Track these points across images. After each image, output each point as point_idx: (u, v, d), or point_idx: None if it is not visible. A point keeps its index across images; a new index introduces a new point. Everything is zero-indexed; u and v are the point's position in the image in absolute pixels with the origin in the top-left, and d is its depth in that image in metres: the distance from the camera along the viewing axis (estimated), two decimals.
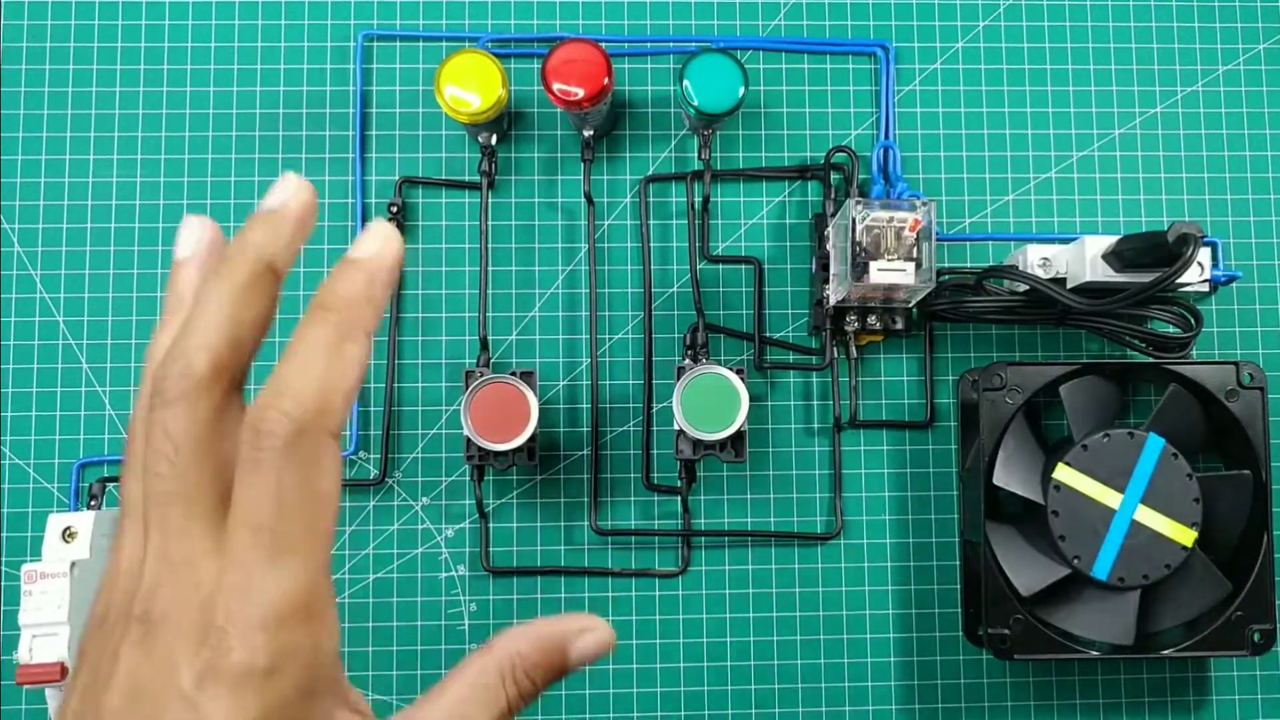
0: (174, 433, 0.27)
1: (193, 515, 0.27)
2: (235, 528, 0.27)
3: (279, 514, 0.27)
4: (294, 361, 0.29)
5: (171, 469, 0.27)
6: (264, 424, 0.27)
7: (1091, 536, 0.52)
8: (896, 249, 0.51)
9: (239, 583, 0.26)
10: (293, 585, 0.27)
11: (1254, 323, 0.59)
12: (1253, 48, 0.60)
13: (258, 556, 0.26)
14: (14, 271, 0.57)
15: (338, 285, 0.29)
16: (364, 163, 0.58)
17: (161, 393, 0.28)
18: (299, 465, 0.27)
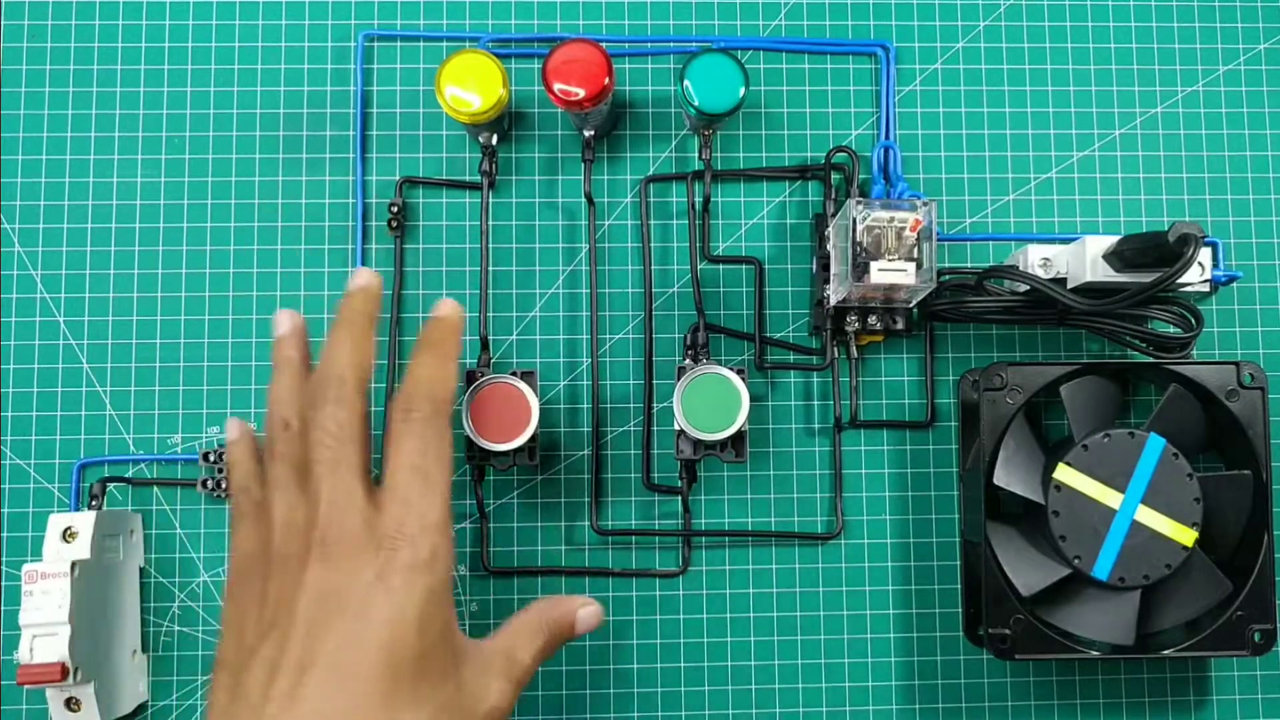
0: (338, 420, 0.42)
1: (352, 474, 0.42)
2: (395, 469, 0.42)
3: (427, 458, 0.43)
4: (420, 370, 0.45)
5: (337, 444, 0.42)
6: (412, 404, 0.44)
7: (1092, 536, 0.52)
8: (897, 249, 0.51)
9: (401, 504, 0.41)
10: (439, 505, 0.42)
11: (1254, 323, 0.59)
12: (1253, 48, 0.60)
13: (415, 487, 0.42)
14: (14, 271, 0.57)
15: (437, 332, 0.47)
16: (364, 163, 0.58)
17: (324, 397, 0.43)
18: (437, 430, 0.44)
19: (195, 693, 0.55)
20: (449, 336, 0.46)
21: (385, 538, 0.41)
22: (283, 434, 0.44)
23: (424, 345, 0.46)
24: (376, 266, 0.57)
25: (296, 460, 0.43)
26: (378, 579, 0.40)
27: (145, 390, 0.57)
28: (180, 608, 0.56)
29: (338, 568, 0.40)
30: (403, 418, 0.43)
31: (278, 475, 0.43)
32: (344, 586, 0.40)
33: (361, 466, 0.43)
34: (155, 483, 0.56)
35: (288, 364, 0.46)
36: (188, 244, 0.57)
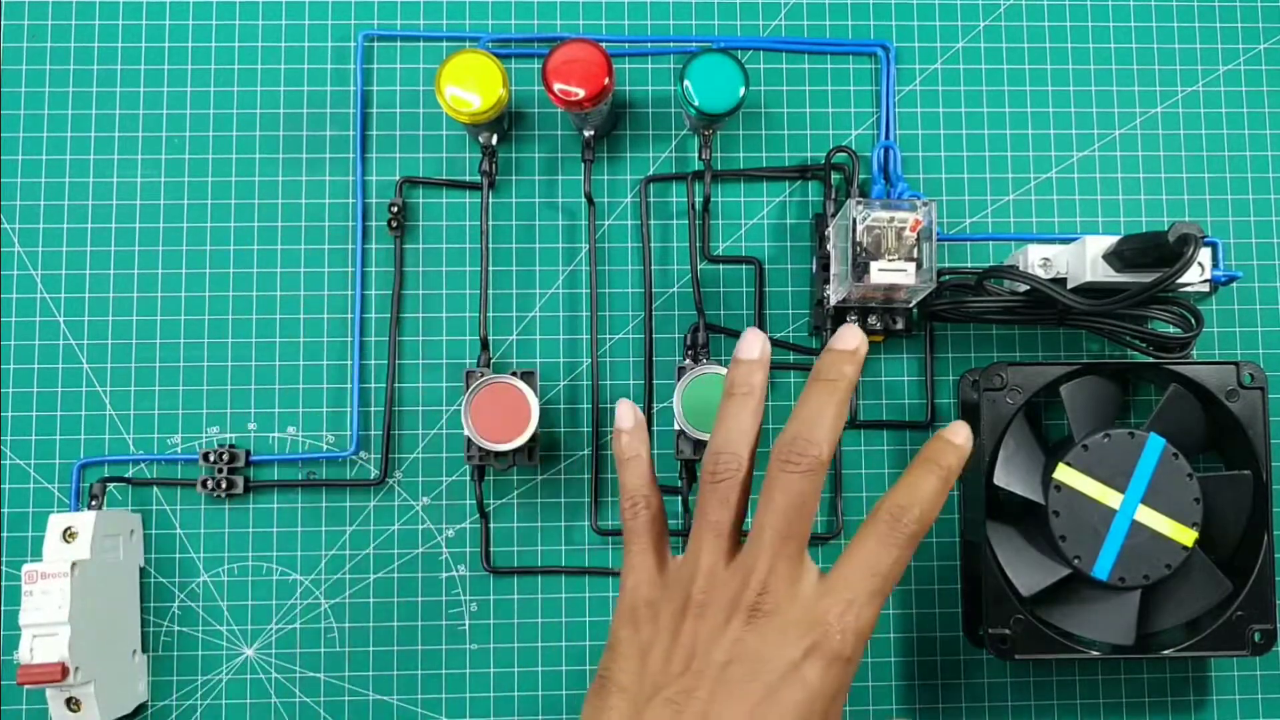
0: (803, 492, 0.41)
1: (798, 552, 0.41)
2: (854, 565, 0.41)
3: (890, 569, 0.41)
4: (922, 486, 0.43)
5: (797, 517, 0.41)
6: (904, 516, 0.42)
7: (1092, 536, 0.52)
8: (897, 249, 0.51)
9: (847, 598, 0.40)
10: (876, 616, 0.41)
11: (1254, 323, 0.59)
12: (1253, 48, 0.60)
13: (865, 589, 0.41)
14: (14, 271, 0.57)
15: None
16: (364, 163, 0.58)
17: (795, 464, 0.42)
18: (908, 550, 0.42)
19: (195, 693, 0.55)
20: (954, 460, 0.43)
21: (821, 623, 0.40)
22: (733, 474, 0.43)
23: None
24: (376, 267, 0.58)
25: (738, 510, 0.43)
26: (801, 660, 0.39)
27: (145, 390, 0.57)
28: (180, 608, 0.56)
29: (765, 637, 0.40)
30: (890, 522, 0.41)
31: (715, 520, 0.42)
32: (767, 657, 0.39)
33: (807, 542, 0.42)
34: (155, 483, 0.56)
35: (750, 394, 0.44)
36: (188, 244, 0.57)
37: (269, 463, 0.56)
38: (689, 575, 0.42)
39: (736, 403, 0.44)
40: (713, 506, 0.43)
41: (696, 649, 0.40)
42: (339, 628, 0.56)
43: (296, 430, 0.57)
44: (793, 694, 0.39)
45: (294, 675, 0.56)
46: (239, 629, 0.56)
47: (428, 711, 0.56)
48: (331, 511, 0.56)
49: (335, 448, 0.57)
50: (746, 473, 0.43)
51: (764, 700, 0.39)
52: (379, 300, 0.57)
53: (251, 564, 0.56)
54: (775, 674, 0.39)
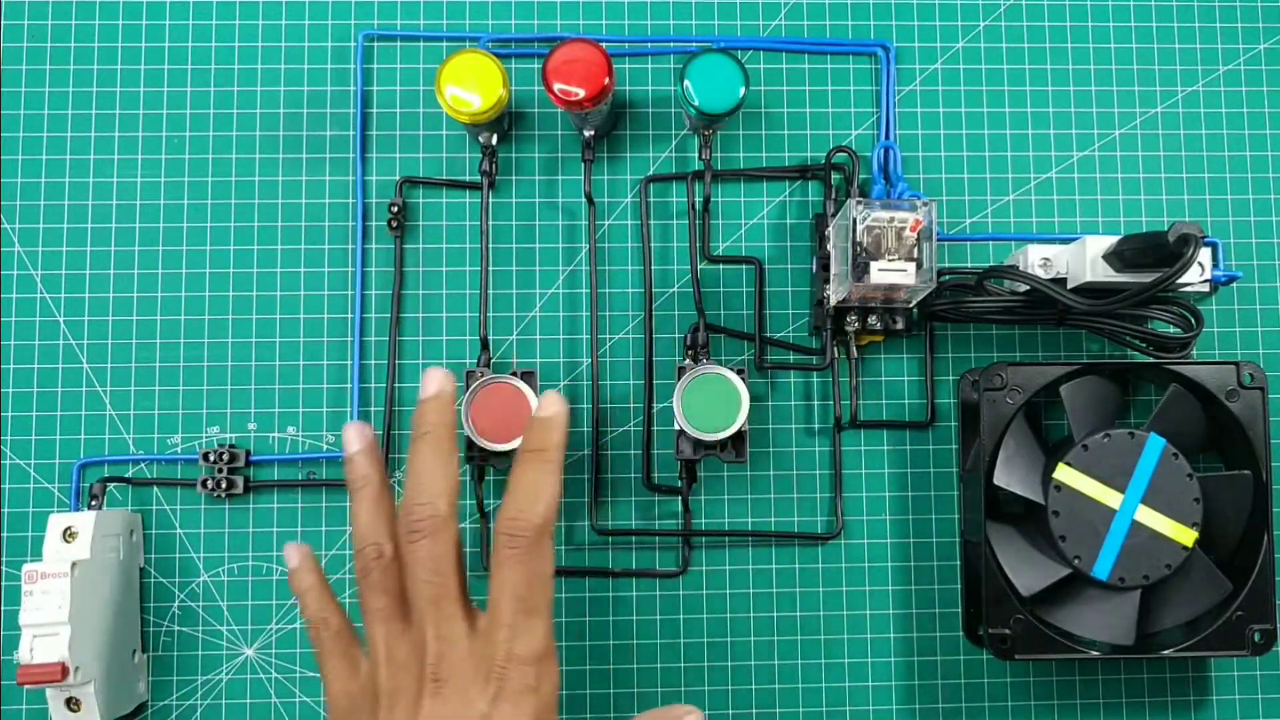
0: (435, 555, 0.42)
1: (455, 606, 0.42)
2: (500, 598, 0.42)
3: (531, 588, 0.42)
4: (521, 489, 0.43)
5: (437, 578, 0.42)
6: (515, 529, 0.42)
7: (1092, 536, 0.52)
8: (897, 249, 0.51)
9: (508, 633, 0.41)
10: (543, 633, 0.42)
11: (1254, 323, 0.59)
12: (1253, 48, 0.60)
13: (520, 616, 0.41)
14: (14, 271, 0.57)
15: (539, 435, 0.44)
16: (364, 163, 0.58)
17: (418, 530, 0.42)
18: (540, 555, 0.43)
19: (195, 693, 0.55)
20: (553, 439, 0.44)
21: (495, 667, 0.41)
22: (377, 563, 0.44)
23: (526, 454, 0.44)
24: (376, 267, 0.58)
25: (395, 591, 0.44)
26: (491, 710, 0.41)
27: (145, 390, 0.57)
28: (180, 608, 0.56)
29: (450, 702, 0.41)
30: (506, 542, 0.42)
31: (378, 608, 0.43)
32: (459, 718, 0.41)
33: (463, 596, 0.43)
34: (155, 483, 0.56)
35: (366, 484, 0.45)
36: (188, 244, 0.57)
37: (269, 463, 0.56)
38: (373, 671, 0.43)
39: (359, 497, 0.45)
40: (371, 598, 0.44)
41: None
42: None
43: (296, 430, 0.57)
44: None
45: (294, 675, 0.56)
46: (239, 629, 0.56)
47: None
48: (331, 511, 0.56)
49: (335, 448, 0.57)
50: (389, 553, 0.44)
51: None
52: (379, 300, 0.57)
53: (251, 564, 0.56)
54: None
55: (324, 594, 0.47)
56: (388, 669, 0.43)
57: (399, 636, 0.43)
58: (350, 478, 0.46)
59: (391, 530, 0.45)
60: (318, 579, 0.47)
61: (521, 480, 0.44)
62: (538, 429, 0.45)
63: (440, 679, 0.41)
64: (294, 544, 0.48)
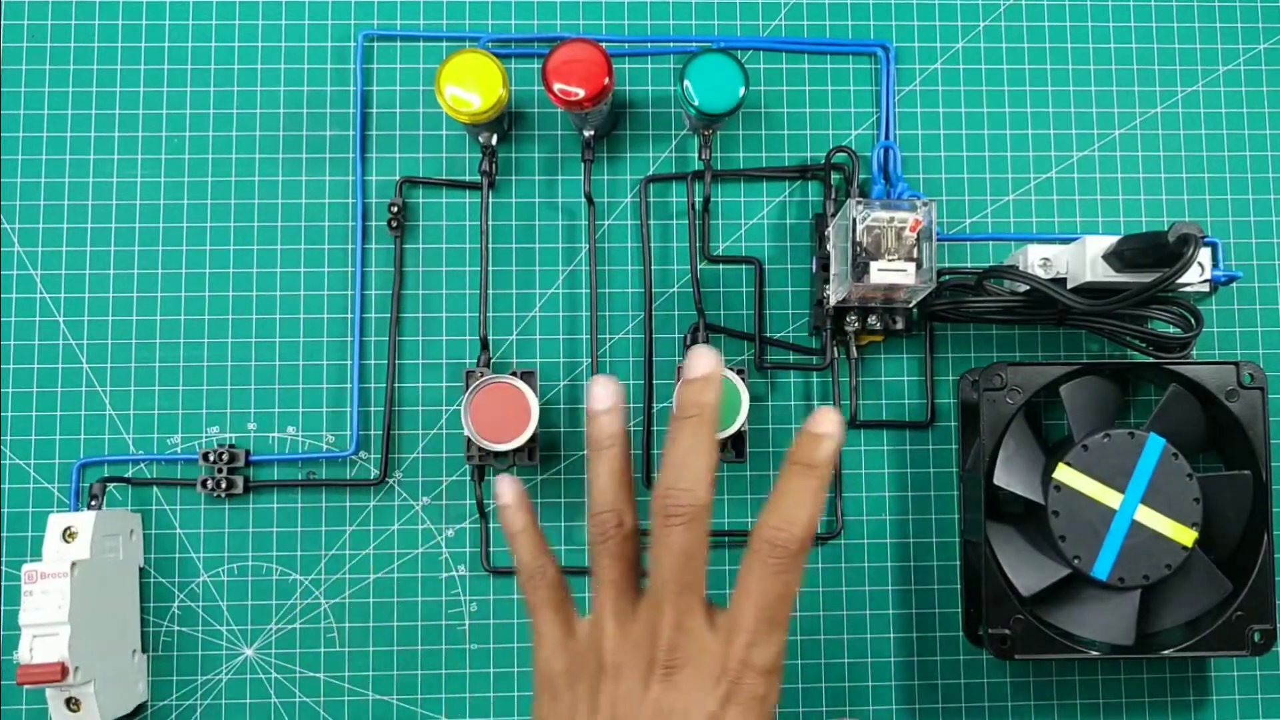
0: (689, 543, 0.41)
1: (696, 601, 0.41)
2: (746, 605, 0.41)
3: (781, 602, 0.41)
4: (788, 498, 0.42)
5: (688, 569, 0.41)
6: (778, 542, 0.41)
7: (1092, 536, 0.52)
8: (897, 249, 0.51)
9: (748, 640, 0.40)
10: (781, 648, 0.41)
11: (1254, 323, 0.59)
12: (1253, 48, 0.60)
13: (763, 626, 0.40)
14: (14, 271, 0.57)
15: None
16: (364, 163, 0.58)
17: (677, 515, 0.41)
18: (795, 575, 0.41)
19: (195, 693, 0.55)
20: (826, 457, 0.42)
21: (732, 668, 0.40)
22: (617, 531, 0.43)
23: (799, 467, 0.42)
24: (376, 267, 0.58)
25: (632, 562, 0.43)
26: (720, 710, 0.40)
27: (145, 390, 0.57)
28: (180, 608, 0.56)
29: (681, 691, 0.40)
30: (769, 551, 0.41)
31: (612, 578, 0.42)
32: (687, 710, 0.40)
33: (704, 589, 0.42)
34: (155, 483, 0.56)
35: (613, 445, 0.43)
36: (188, 244, 0.57)
37: (269, 463, 0.56)
38: (597, 638, 0.42)
39: (602, 458, 0.44)
40: (605, 565, 0.43)
41: (618, 712, 0.40)
42: (339, 628, 0.56)
43: (296, 430, 0.57)
44: None
45: (294, 675, 0.56)
46: (239, 629, 0.56)
47: (427, 711, 0.56)
48: (331, 511, 0.56)
49: (335, 448, 0.57)
50: (630, 524, 0.43)
51: None
52: (379, 300, 0.57)
53: (251, 564, 0.56)
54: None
55: (540, 538, 0.45)
56: (616, 641, 0.41)
57: (631, 610, 0.42)
58: (595, 436, 0.43)
59: (632, 502, 0.43)
60: (532, 520, 0.46)
61: (795, 493, 0.42)
62: (812, 445, 0.42)
63: (672, 667, 0.40)
64: (509, 477, 0.46)
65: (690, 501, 0.41)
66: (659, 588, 0.41)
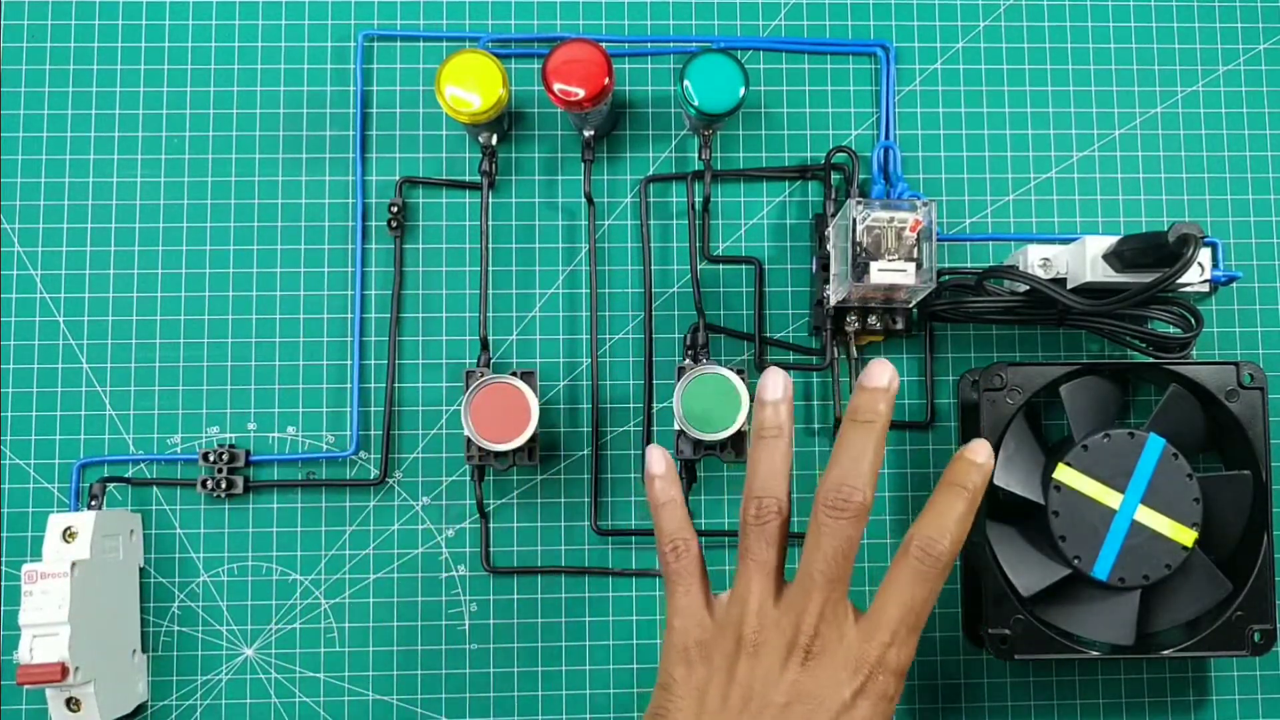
0: (848, 539, 0.43)
1: (843, 595, 0.43)
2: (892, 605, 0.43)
3: (924, 608, 0.43)
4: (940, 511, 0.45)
5: (842, 561, 0.43)
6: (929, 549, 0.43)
7: (1092, 536, 0.52)
8: (897, 249, 0.51)
9: (889, 638, 0.42)
10: (913, 652, 0.43)
11: (1254, 323, 0.59)
12: (1253, 48, 0.60)
13: (904, 629, 0.43)
14: (14, 271, 0.57)
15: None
16: (364, 163, 0.58)
17: (843, 510, 0.43)
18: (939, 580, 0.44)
19: (195, 693, 0.55)
20: (981, 482, 0.45)
21: (868, 663, 0.42)
22: (776, 517, 0.44)
23: (953, 486, 0.45)
24: (376, 267, 0.58)
25: (782, 549, 0.45)
26: (853, 701, 0.42)
27: (145, 390, 0.57)
28: (180, 608, 0.56)
29: (819, 678, 0.42)
30: (920, 556, 0.43)
31: (763, 560, 0.44)
32: (822, 698, 0.42)
33: (849, 585, 0.44)
34: (155, 483, 0.56)
35: (780, 435, 0.46)
36: (188, 244, 0.57)
37: (269, 463, 0.56)
38: (739, 615, 0.44)
39: (768, 445, 0.45)
40: (759, 547, 0.44)
41: (754, 689, 0.42)
42: (339, 628, 0.56)
43: (296, 430, 0.57)
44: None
45: (294, 675, 0.56)
46: (239, 629, 0.56)
47: (427, 711, 0.56)
48: (331, 511, 0.56)
49: (335, 448, 0.57)
50: (786, 513, 0.45)
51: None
52: (379, 300, 0.57)
53: (251, 564, 0.56)
54: (830, 714, 0.42)
55: (685, 510, 0.47)
56: (759, 620, 0.43)
57: (775, 593, 0.44)
58: (763, 424, 0.46)
59: (789, 491, 0.45)
60: (680, 493, 0.47)
61: (944, 505, 0.44)
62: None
63: (812, 654, 0.42)
64: (659, 448, 0.48)
65: (859, 500, 0.43)
66: (811, 575, 0.43)
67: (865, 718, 0.42)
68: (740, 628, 0.43)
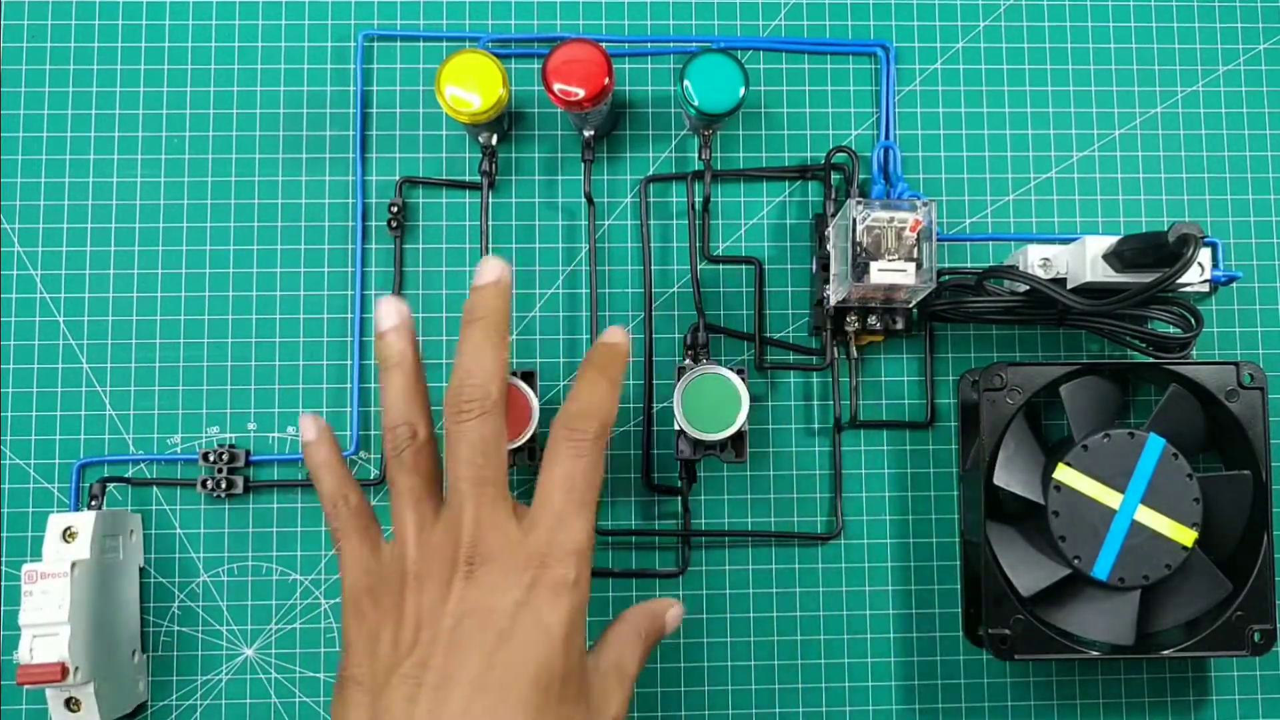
0: (484, 436, 0.41)
1: (499, 492, 0.41)
2: (552, 488, 0.41)
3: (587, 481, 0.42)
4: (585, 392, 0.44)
5: (486, 462, 0.41)
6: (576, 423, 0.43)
7: (1091, 536, 0.52)
8: (897, 249, 0.51)
9: (554, 523, 0.41)
10: (589, 529, 0.41)
11: (1254, 323, 0.59)
12: (1253, 48, 0.60)
13: (571, 507, 0.41)
14: (14, 271, 0.57)
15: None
16: (364, 163, 0.58)
17: (467, 412, 0.41)
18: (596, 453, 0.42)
19: (195, 693, 0.55)
20: (616, 363, 0.45)
21: (535, 556, 0.40)
22: (411, 443, 0.43)
23: (591, 368, 0.45)
24: (376, 267, 0.58)
25: (428, 473, 0.43)
26: (526, 598, 0.40)
27: (145, 390, 0.57)
28: (180, 608, 0.56)
29: (484, 586, 0.40)
30: (567, 434, 0.42)
31: (409, 488, 0.42)
32: (492, 606, 0.39)
33: (505, 483, 0.42)
34: (155, 483, 0.56)
35: (401, 360, 0.44)
36: (188, 244, 0.57)
37: (269, 463, 0.56)
38: (400, 551, 0.42)
39: (389, 375, 0.44)
40: (401, 476, 0.42)
41: (422, 620, 0.40)
42: (339, 628, 0.56)
43: (296, 430, 0.57)
44: (527, 632, 0.39)
45: (294, 675, 0.56)
46: (239, 629, 0.56)
47: None
48: None
49: None
50: (424, 434, 0.43)
51: (500, 646, 0.39)
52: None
53: (251, 564, 0.56)
54: (505, 618, 0.39)
55: (342, 469, 0.46)
56: (418, 550, 0.41)
57: (431, 518, 0.42)
58: (383, 354, 0.44)
59: (425, 413, 0.44)
60: (334, 453, 0.46)
61: (587, 388, 0.44)
62: (605, 353, 0.45)
63: (474, 562, 0.40)
64: (311, 415, 0.47)
65: (482, 395, 0.42)
66: (456, 484, 0.41)
67: (547, 610, 0.40)
68: (402, 564, 0.41)
